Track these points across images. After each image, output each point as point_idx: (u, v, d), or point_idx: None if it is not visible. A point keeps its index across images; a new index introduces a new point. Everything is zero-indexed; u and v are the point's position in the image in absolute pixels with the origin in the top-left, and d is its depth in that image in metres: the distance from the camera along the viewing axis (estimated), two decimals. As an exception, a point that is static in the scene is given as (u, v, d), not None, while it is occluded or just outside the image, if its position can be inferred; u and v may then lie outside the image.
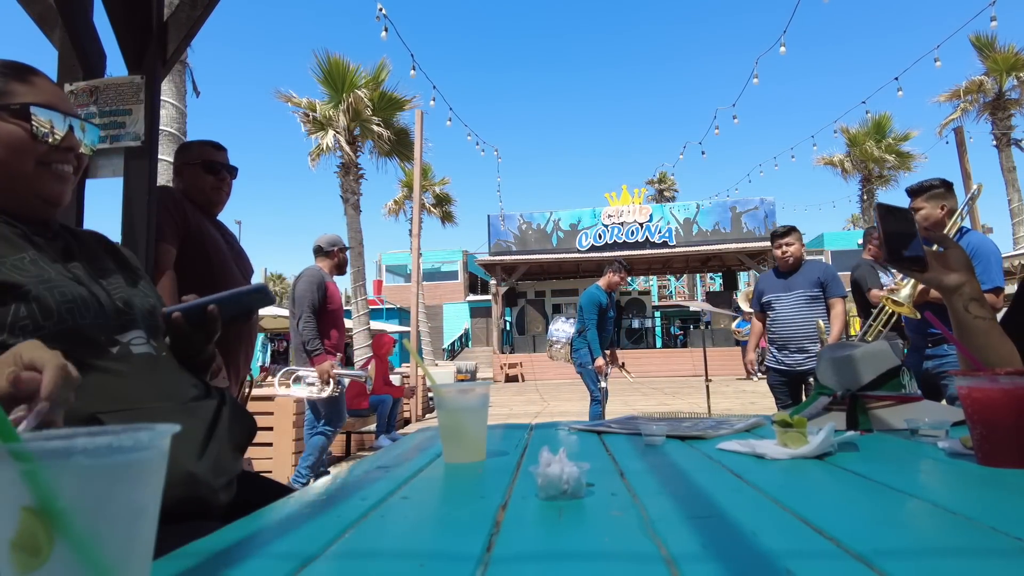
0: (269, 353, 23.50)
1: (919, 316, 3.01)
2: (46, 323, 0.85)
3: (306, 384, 3.95)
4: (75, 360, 0.86)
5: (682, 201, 22.40)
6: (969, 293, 1.01)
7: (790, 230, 3.92)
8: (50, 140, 0.96)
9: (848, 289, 3.90)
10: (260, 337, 20.58)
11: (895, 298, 3.04)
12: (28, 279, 0.86)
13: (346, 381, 4.28)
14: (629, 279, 5.40)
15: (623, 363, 5.46)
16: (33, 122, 0.94)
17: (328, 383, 3.95)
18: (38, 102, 0.95)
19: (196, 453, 0.87)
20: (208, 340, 1.08)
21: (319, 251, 4.21)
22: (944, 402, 2.76)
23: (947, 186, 3.04)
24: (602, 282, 5.06)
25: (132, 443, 0.38)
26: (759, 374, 13.39)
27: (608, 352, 5.25)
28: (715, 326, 19.51)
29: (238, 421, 1.00)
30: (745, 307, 13.48)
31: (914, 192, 3.08)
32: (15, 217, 0.95)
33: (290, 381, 4.00)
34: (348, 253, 4.30)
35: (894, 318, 3.44)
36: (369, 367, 4.84)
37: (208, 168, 2.11)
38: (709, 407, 5.36)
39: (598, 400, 4.95)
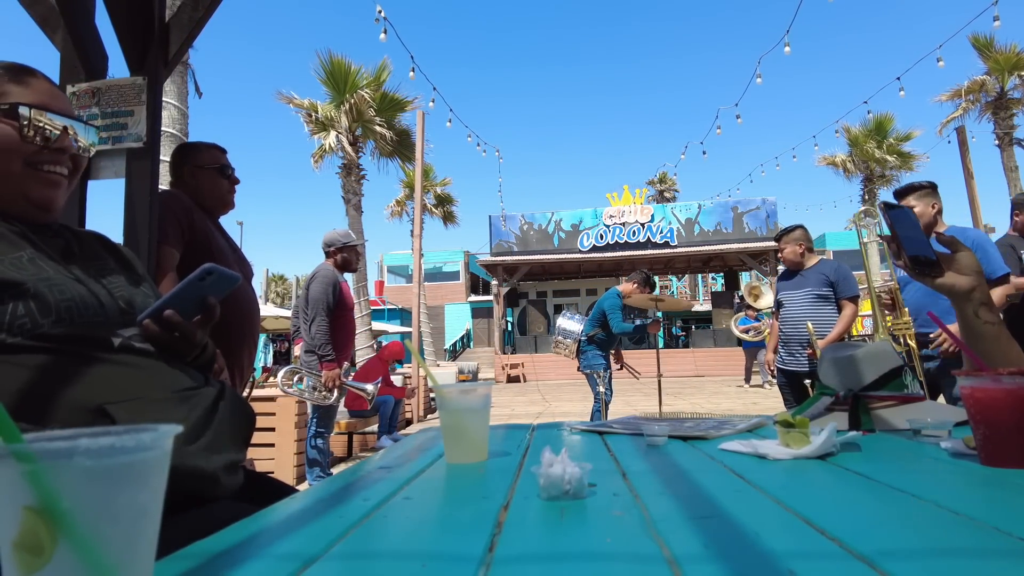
0: (271, 353, 23.53)
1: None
2: (44, 321, 0.84)
3: (309, 387, 3.91)
4: (78, 353, 0.87)
5: (684, 201, 22.37)
6: (979, 298, 1.00)
7: (783, 233, 3.94)
8: (39, 140, 0.94)
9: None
10: (262, 338, 20.60)
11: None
12: (26, 277, 0.85)
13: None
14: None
15: (621, 366, 5.45)
16: (23, 122, 0.92)
17: (333, 391, 3.90)
18: (30, 102, 0.93)
19: (189, 439, 0.86)
20: (186, 343, 0.99)
21: (324, 251, 4.11)
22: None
23: (933, 186, 3.07)
24: (623, 288, 5.09)
25: (134, 444, 0.38)
26: (768, 380, 12.75)
27: (613, 352, 5.26)
28: (716, 326, 19.50)
29: (237, 411, 1.00)
30: (750, 302, 12.65)
31: (903, 193, 3.09)
32: (12, 217, 0.94)
33: (292, 381, 3.97)
34: (352, 250, 4.09)
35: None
36: (374, 385, 4.75)
37: (223, 173, 2.13)
38: (660, 409, 5.28)
39: (598, 406, 4.95)
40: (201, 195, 2.10)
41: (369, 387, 4.71)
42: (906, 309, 3.12)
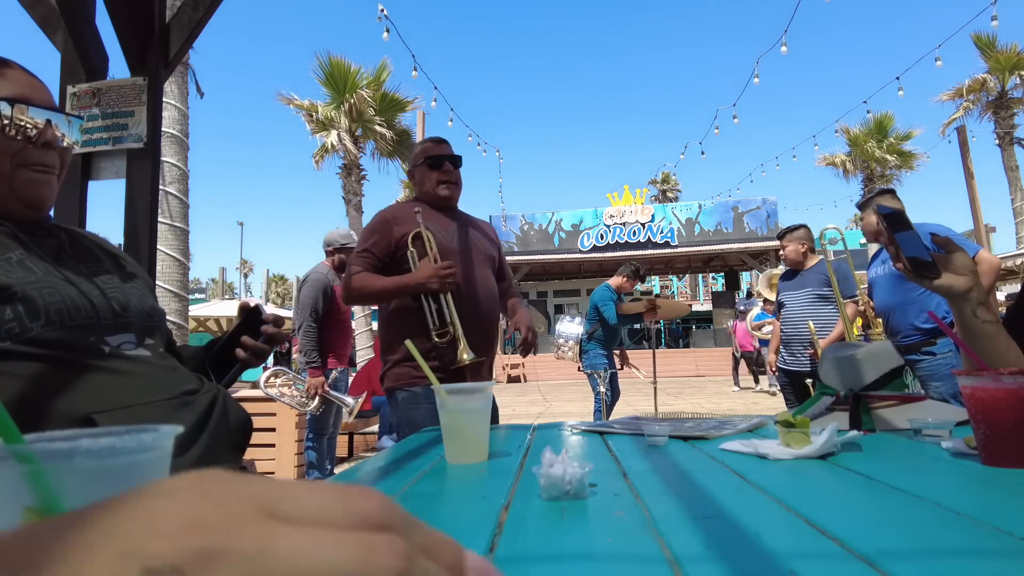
0: (272, 354, 23.55)
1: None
2: (33, 325, 0.83)
3: (292, 392, 3.84)
4: (67, 361, 0.85)
5: (684, 201, 22.39)
6: (976, 298, 1.01)
7: (786, 232, 3.94)
8: (24, 135, 0.90)
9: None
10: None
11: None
12: (14, 280, 0.84)
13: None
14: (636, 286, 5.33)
15: (623, 365, 5.42)
16: (4, 119, 0.88)
17: (313, 399, 3.83)
18: (8, 95, 0.89)
19: (179, 451, 0.86)
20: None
21: (324, 250, 4.02)
22: None
23: (892, 192, 3.12)
24: (613, 282, 5.05)
25: (135, 444, 0.38)
26: (772, 383, 11.93)
27: (619, 352, 5.23)
28: (717, 326, 19.49)
29: (233, 417, 1.00)
30: (767, 294, 11.29)
31: (867, 204, 3.14)
32: (2, 217, 0.92)
33: (278, 383, 3.88)
34: (351, 252, 4.10)
35: None
36: (359, 397, 4.65)
37: (432, 164, 2.10)
38: (656, 411, 5.24)
39: (599, 406, 4.93)
40: (421, 191, 2.12)
41: (350, 400, 4.61)
42: (879, 320, 3.13)
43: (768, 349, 4.38)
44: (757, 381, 12.13)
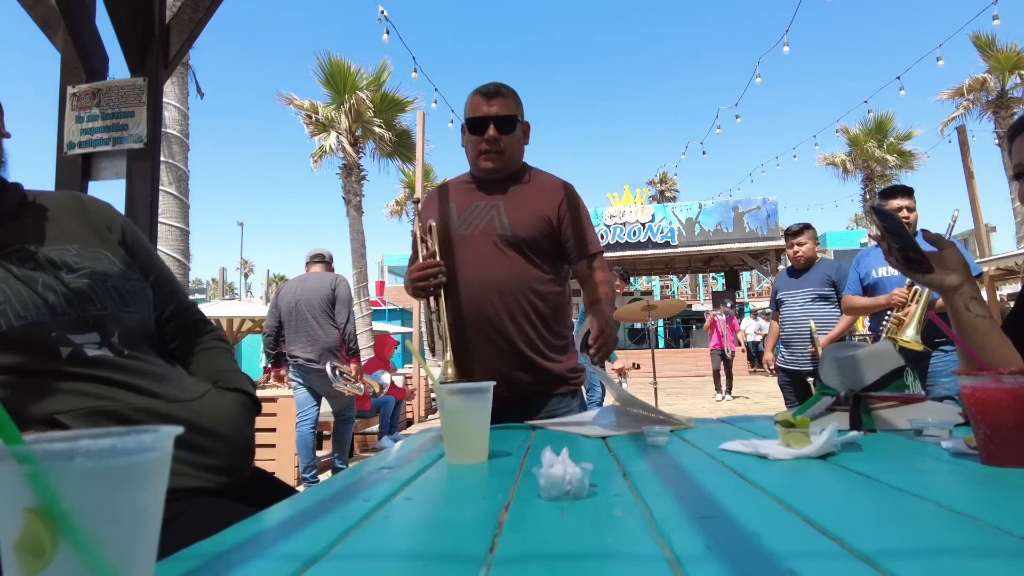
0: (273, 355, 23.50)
1: (929, 350, 2.98)
2: None
3: (343, 379, 4.39)
4: (23, 366, 0.79)
5: (684, 201, 22.37)
6: (968, 292, 1.02)
7: (803, 229, 3.89)
8: None
9: None
10: (262, 338, 20.56)
11: (903, 337, 2.92)
12: None
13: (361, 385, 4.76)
14: (627, 287, 5.38)
15: (622, 367, 5.41)
16: None
17: (360, 380, 4.50)
18: None
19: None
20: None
21: (320, 259, 4.59)
22: None
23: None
24: None
25: (135, 445, 0.38)
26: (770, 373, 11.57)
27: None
28: (717, 326, 19.49)
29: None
30: None
31: (893, 193, 3.16)
32: None
33: (337, 374, 4.39)
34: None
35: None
36: (388, 374, 5.27)
37: (471, 127, 1.63)
38: (656, 404, 5.30)
39: (594, 403, 4.94)
40: (468, 158, 1.68)
41: (386, 378, 5.22)
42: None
43: (766, 348, 4.41)
44: (730, 389, 10.96)
